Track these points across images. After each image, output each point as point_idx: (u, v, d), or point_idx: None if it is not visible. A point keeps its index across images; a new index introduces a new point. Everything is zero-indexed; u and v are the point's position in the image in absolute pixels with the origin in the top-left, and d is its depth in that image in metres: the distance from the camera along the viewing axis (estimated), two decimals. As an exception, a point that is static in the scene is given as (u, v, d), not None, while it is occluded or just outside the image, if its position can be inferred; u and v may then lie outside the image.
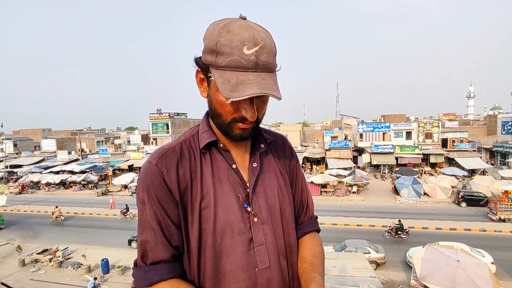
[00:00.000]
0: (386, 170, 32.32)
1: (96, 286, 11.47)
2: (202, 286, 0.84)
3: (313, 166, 34.86)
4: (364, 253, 11.58)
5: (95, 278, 11.79)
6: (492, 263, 11.34)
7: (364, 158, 33.55)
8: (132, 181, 29.32)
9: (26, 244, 16.26)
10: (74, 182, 31.41)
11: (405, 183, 24.03)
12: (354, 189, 24.88)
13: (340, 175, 27.94)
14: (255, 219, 0.87)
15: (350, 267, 7.89)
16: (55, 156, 42.62)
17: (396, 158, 32.02)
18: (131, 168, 37.07)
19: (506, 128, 33.52)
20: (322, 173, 28.89)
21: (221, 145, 0.90)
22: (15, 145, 47.35)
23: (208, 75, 0.79)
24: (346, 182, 25.56)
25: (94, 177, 32.19)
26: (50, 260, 13.78)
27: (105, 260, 12.92)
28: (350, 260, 8.72)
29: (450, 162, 31.68)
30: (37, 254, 14.34)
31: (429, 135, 33.75)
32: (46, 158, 42.69)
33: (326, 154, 34.08)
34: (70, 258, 14.32)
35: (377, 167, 33.60)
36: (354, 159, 34.51)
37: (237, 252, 0.83)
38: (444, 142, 33.45)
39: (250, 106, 0.79)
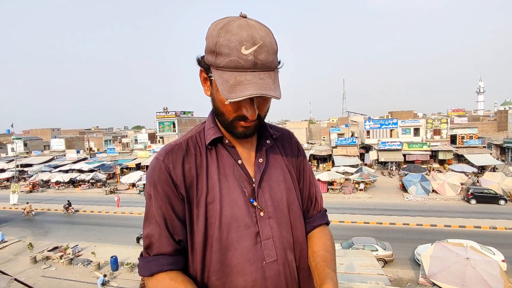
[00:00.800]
0: (394, 167, 32.00)
1: (105, 283, 11.65)
2: (207, 279, 0.85)
3: (319, 163, 34.73)
4: (371, 250, 11.54)
5: (105, 275, 11.97)
6: (503, 261, 11.17)
7: (371, 155, 33.27)
8: (139, 179, 29.59)
9: (37, 241, 16.59)
10: (83, 181, 31.85)
11: (413, 180, 23.78)
12: (361, 186, 24.72)
13: (347, 173, 27.77)
14: (262, 214, 0.88)
15: (358, 265, 7.88)
16: (64, 155, 43.26)
17: (403, 155, 31.67)
18: (139, 166, 37.41)
19: (517, 123, 32.90)
20: (329, 170, 28.75)
21: (226, 141, 0.91)
22: (25, 144, 48.18)
23: (209, 75, 0.81)
24: (353, 180, 25.41)
25: (102, 175, 32.59)
26: (61, 257, 14.04)
27: (114, 257, 13.10)
28: (358, 257, 8.71)
29: (459, 158, 31.21)
30: (48, 251, 14.62)
31: (437, 132, 33.29)
32: (55, 157, 43.35)
33: (332, 152, 33.91)
34: (80, 256, 14.57)
35: (384, 164, 33.31)
36: (361, 156, 34.24)
37: (243, 245, 0.85)
38: (453, 139, 32.97)
39: (250, 105, 0.80)
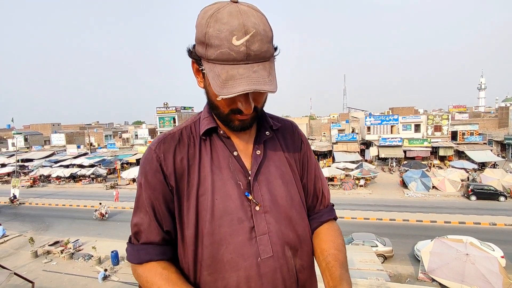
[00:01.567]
0: (394, 163, 31.99)
1: (106, 277, 11.72)
2: (199, 273, 0.83)
3: (320, 159, 34.73)
4: (371, 246, 11.58)
5: (106, 270, 12.03)
6: (502, 257, 11.20)
7: (371, 151, 33.25)
8: (140, 174, 29.65)
9: (38, 236, 16.67)
10: (84, 176, 31.92)
11: (413, 176, 23.78)
12: (362, 182, 24.74)
13: (347, 169, 27.78)
14: (257, 208, 0.84)
15: (358, 260, 7.90)
16: (65, 150, 43.32)
17: (404, 151, 31.64)
18: (139, 162, 37.38)
19: (518, 120, 32.76)
20: (329, 166, 28.77)
21: (221, 131, 0.88)
22: (26, 139, 48.21)
23: (201, 68, 0.76)
24: (354, 176, 25.42)
25: (103, 170, 32.64)
26: (62, 251, 14.10)
27: (114, 252, 13.15)
28: (358, 253, 8.74)
29: (460, 155, 31.17)
30: (49, 246, 14.68)
31: (438, 128, 33.21)
32: (56, 152, 43.40)
33: (333, 148, 33.88)
34: (80, 250, 14.63)
35: (384, 160, 33.29)
36: (362, 152, 34.22)
37: (236, 240, 0.81)
38: (453, 135, 32.90)
39: (245, 99, 0.76)
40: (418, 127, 33.54)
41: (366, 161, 32.42)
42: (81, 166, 34.39)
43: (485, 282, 8.04)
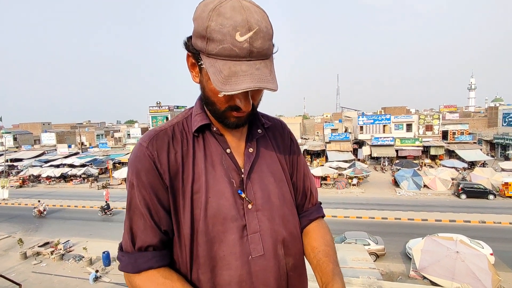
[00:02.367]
0: (386, 163, 32.32)
1: (97, 278, 11.58)
2: (195, 272, 0.81)
3: (313, 158, 34.88)
4: (363, 244, 11.65)
5: (97, 271, 11.89)
6: (491, 254, 11.40)
7: (364, 151, 33.52)
8: (132, 174, 29.39)
9: (27, 237, 16.38)
10: (75, 176, 31.51)
11: (405, 175, 24.06)
12: (354, 181, 24.93)
13: (340, 168, 27.95)
14: (250, 206, 0.83)
15: (350, 259, 7.94)
16: (55, 149, 42.67)
17: (396, 151, 31.98)
18: (131, 161, 37.14)
19: (507, 120, 33.39)
20: (322, 165, 28.90)
21: (214, 128, 0.86)
22: (15, 138, 47.34)
23: (199, 62, 0.74)
24: (346, 175, 25.59)
25: (94, 170, 32.26)
26: (52, 253, 13.88)
27: (106, 252, 13.00)
28: (350, 251, 8.77)
29: (450, 154, 31.65)
30: (38, 247, 14.45)
31: (429, 127, 33.66)
32: (46, 152, 42.73)
33: (326, 147, 34.06)
34: (71, 251, 14.43)
35: (377, 160, 33.62)
36: (354, 152, 34.48)
37: (229, 239, 0.80)
38: (444, 134, 33.39)
39: (245, 96, 0.75)
40: (409, 127, 33.94)
41: (359, 160, 32.68)
42: (72, 166, 33.91)
43: (475, 279, 8.17)
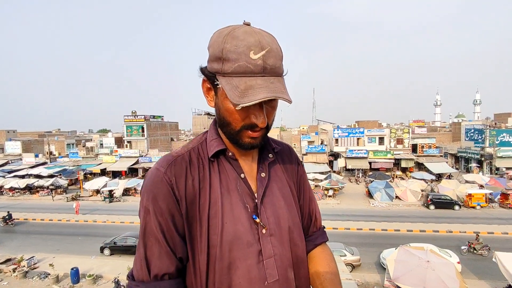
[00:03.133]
0: (360, 174, 33.34)
1: (65, 297, 10.91)
2: None
3: (290, 170, 35.19)
4: (340, 255, 11.85)
5: (64, 288, 11.21)
6: (458, 263, 12.00)
7: (339, 163, 34.42)
8: (104, 185, 28.22)
9: (-14, 253, 15.16)
10: (42, 187, 29.73)
11: (378, 187, 24.90)
12: (330, 192, 25.43)
13: (316, 179, 28.47)
14: (264, 231, 0.84)
15: (328, 270, 8.00)
16: (21, 159, 40.17)
17: (369, 163, 33.13)
18: (104, 172, 35.71)
19: (469, 135, 35.73)
20: (299, 177, 29.21)
21: (230, 153, 0.87)
22: (-25, 147, 44.12)
23: (215, 83, 0.78)
24: (323, 186, 26.07)
25: (63, 181, 30.65)
26: (14, 270, 12.94)
27: (75, 269, 12.31)
28: (328, 263, 8.83)
29: (420, 166, 33.23)
30: (-1, 264, 13.41)
31: (400, 141, 35.27)
32: (10, 161, 40.17)
33: (303, 159, 34.59)
34: (36, 268, 13.51)
35: (351, 171, 34.58)
36: (330, 164, 35.32)
37: (245, 264, 0.80)
38: (414, 148, 35.08)
39: (260, 111, 0.77)
40: (382, 140, 35.38)
41: (334, 172, 33.48)
42: (39, 177, 32.03)
43: (444, 287, 8.56)
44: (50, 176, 31.87)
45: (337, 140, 36.06)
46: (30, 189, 29.94)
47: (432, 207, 21.72)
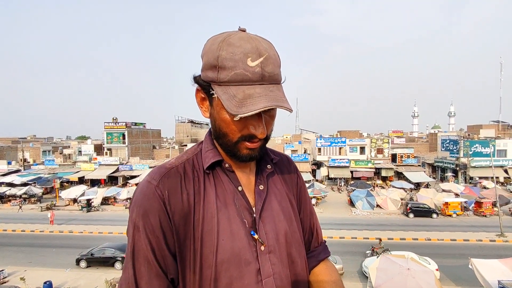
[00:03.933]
0: (342, 183, 33.89)
1: (37, 313, 10.32)
2: None
3: (274, 179, 35.27)
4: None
5: (36, 304, 10.61)
6: (436, 270, 12.32)
7: (322, 171, 34.88)
8: (82, 194, 27.21)
9: (-50, 267, 14.17)
10: (14, 196, 28.31)
11: (359, 196, 25.36)
12: (313, 201, 25.62)
13: (300, 188, 28.60)
14: (262, 248, 0.78)
15: (312, 279, 7.99)
16: (-9, 166, 38.20)
17: (351, 172, 33.78)
18: (82, 180, 34.52)
19: (445, 145, 37.22)
20: (283, 186, 29.33)
21: (226, 165, 0.82)
22: None
23: (210, 93, 0.73)
24: (306, 195, 26.22)
25: (38, 190, 29.35)
26: (-19, 285, 12.14)
27: (48, 282, 11.72)
28: (312, 272, 8.82)
29: (399, 175, 34.19)
30: (-36, 279, 12.56)
31: (380, 151, 36.24)
32: (-21, 169, 38.06)
33: (286, 167, 34.77)
34: (6, 282, 12.76)
35: (334, 180, 35.08)
36: (313, 172, 35.72)
37: (242, 285, 0.74)
38: (393, 157, 36.14)
39: (259, 121, 0.73)
40: (363, 150, 36.24)
41: (317, 180, 33.86)
42: (11, 185, 30.55)
43: (424, 294, 8.73)
44: (24, 184, 30.45)
45: (319, 149, 36.61)
46: (1, 198, 28.45)
47: (411, 216, 22.30)
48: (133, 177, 33.89)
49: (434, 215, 22.13)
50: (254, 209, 0.81)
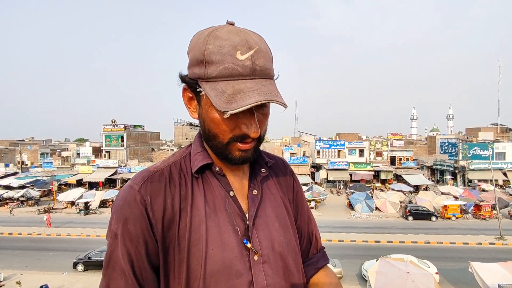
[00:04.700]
0: (341, 186, 33.85)
1: (32, 317, 10.21)
2: None
3: (272, 181, 35.24)
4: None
5: (32, 308, 10.50)
6: (436, 273, 12.24)
7: (321, 174, 34.85)
8: (80, 197, 27.10)
9: None
10: (11, 199, 28.18)
11: (359, 199, 25.32)
12: (312, 204, 25.56)
13: (298, 191, 28.55)
14: (255, 258, 0.73)
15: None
16: (-11, 169, 38.06)
17: (350, 175, 33.75)
18: (80, 182, 34.40)
19: (443, 148, 37.27)
20: (282, 188, 29.29)
21: (217, 168, 0.76)
22: None
23: (197, 91, 0.68)
24: (305, 198, 26.18)
25: (35, 192, 29.24)
26: (-24, 289, 12.02)
27: (44, 286, 11.63)
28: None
29: (398, 178, 34.20)
30: (-41, 282, 12.43)
31: (379, 153, 36.26)
32: (-23, 171, 37.90)
33: (285, 170, 34.75)
34: (1, 286, 12.64)
35: (333, 183, 35.06)
36: (312, 175, 35.68)
37: None
38: (392, 160, 36.14)
39: (251, 119, 0.67)
40: (362, 152, 36.25)
41: (316, 183, 33.80)
42: (8, 188, 30.42)
43: (424, 298, 8.68)
44: (21, 187, 30.33)
45: (318, 152, 36.60)
46: (-2, 200, 28.31)
47: (410, 218, 22.25)
48: (131, 179, 33.74)
49: (433, 218, 22.09)
50: (247, 215, 0.76)
